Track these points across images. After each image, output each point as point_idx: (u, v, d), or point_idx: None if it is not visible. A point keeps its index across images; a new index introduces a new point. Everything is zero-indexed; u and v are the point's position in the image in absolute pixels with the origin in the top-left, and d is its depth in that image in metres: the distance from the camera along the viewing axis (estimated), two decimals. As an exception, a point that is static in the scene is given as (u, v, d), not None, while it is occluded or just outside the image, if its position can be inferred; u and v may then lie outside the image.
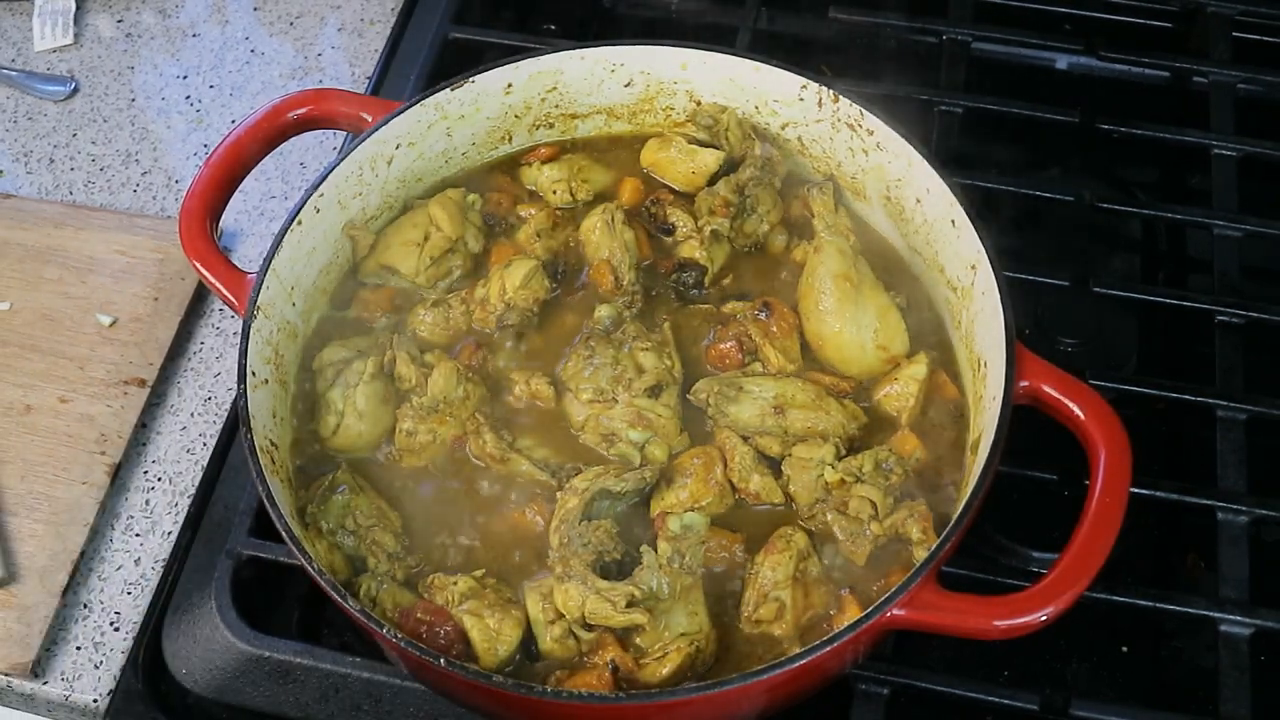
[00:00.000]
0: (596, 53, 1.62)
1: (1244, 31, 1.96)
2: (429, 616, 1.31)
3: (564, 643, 1.31)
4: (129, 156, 1.93)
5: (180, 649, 1.49)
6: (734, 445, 1.42)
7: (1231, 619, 1.43)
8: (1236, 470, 1.53)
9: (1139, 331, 1.70)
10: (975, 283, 1.43)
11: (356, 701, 1.43)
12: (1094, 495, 1.27)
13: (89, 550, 1.58)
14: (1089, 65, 1.95)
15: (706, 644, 1.32)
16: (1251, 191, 1.77)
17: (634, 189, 1.63)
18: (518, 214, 1.62)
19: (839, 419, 1.43)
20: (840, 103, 1.55)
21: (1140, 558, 1.53)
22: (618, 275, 1.54)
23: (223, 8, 2.10)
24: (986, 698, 1.40)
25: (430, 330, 1.53)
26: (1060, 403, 1.34)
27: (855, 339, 1.47)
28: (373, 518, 1.38)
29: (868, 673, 1.40)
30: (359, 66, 2.02)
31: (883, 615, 1.22)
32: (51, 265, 1.78)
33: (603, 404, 1.44)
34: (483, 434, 1.43)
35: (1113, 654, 1.50)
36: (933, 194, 1.49)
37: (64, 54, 2.04)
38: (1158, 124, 1.84)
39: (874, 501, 1.36)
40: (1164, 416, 1.61)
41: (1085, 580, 1.23)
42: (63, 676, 1.50)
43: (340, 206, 1.55)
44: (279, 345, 1.46)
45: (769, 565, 1.33)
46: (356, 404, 1.44)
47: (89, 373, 1.69)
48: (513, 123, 1.66)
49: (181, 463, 1.65)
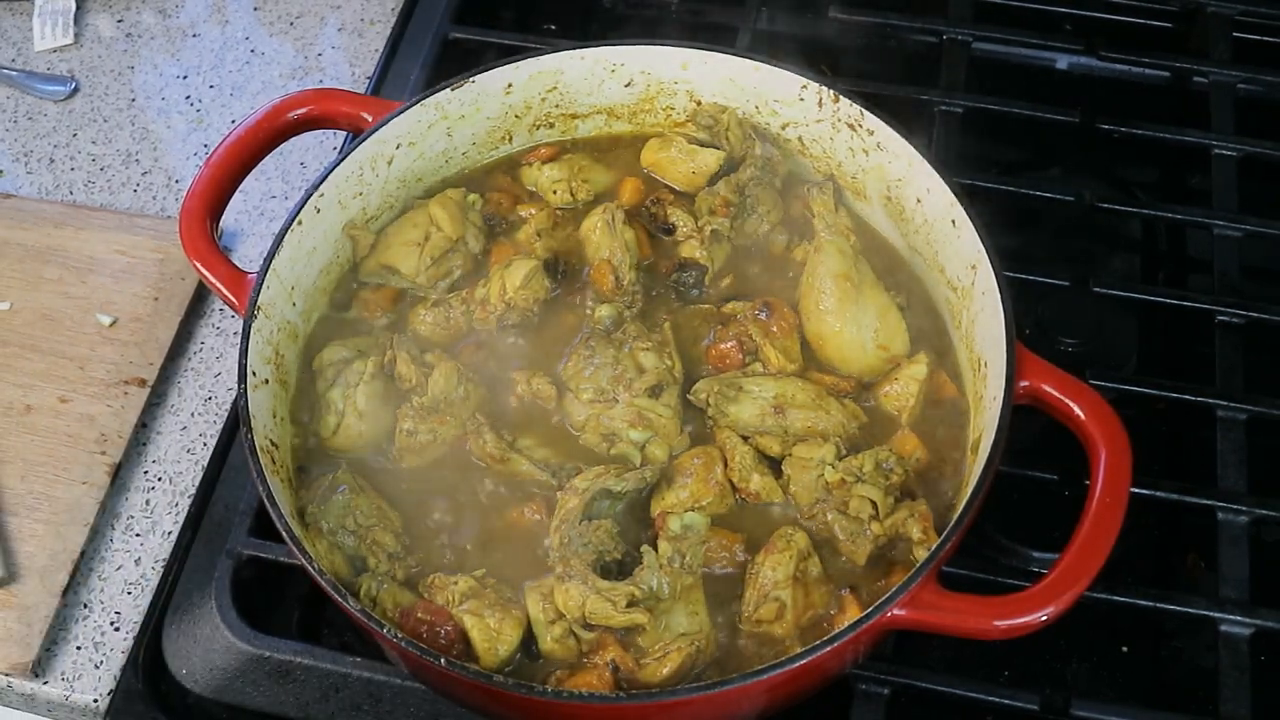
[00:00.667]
0: (597, 53, 1.62)
1: (1244, 31, 1.96)
2: (429, 616, 1.31)
3: (564, 643, 1.31)
4: (129, 156, 1.93)
5: (180, 649, 1.49)
6: (734, 445, 1.42)
7: (1232, 619, 1.43)
8: (1236, 470, 1.53)
9: (1139, 331, 1.70)
10: (975, 282, 1.43)
11: (357, 701, 1.43)
12: (1094, 495, 1.27)
13: (89, 550, 1.58)
14: (1089, 65, 1.95)
15: (706, 644, 1.32)
16: (1251, 191, 1.77)
17: (634, 189, 1.64)
18: (518, 214, 1.62)
19: (839, 419, 1.43)
20: (840, 103, 1.55)
21: (1140, 558, 1.53)
22: (618, 275, 1.54)
23: (223, 8, 2.10)
24: (986, 698, 1.40)
25: (430, 330, 1.53)
26: (1060, 402, 1.34)
27: (856, 338, 1.47)
28: (373, 518, 1.38)
29: (868, 673, 1.40)
30: (359, 66, 2.02)
31: (883, 615, 1.22)
32: (52, 265, 1.78)
33: (603, 404, 1.44)
34: (483, 434, 1.43)
35: (1113, 654, 1.50)
36: (933, 194, 1.49)
37: (64, 54, 2.04)
38: (1158, 124, 1.84)
39: (874, 501, 1.36)
40: (1164, 416, 1.61)
41: (1085, 580, 1.23)
42: (63, 676, 1.50)
43: (340, 206, 1.55)
44: (279, 345, 1.46)
45: (769, 565, 1.33)
46: (357, 404, 1.44)
47: (89, 373, 1.69)
48: (513, 123, 1.66)
49: (182, 462, 1.65)
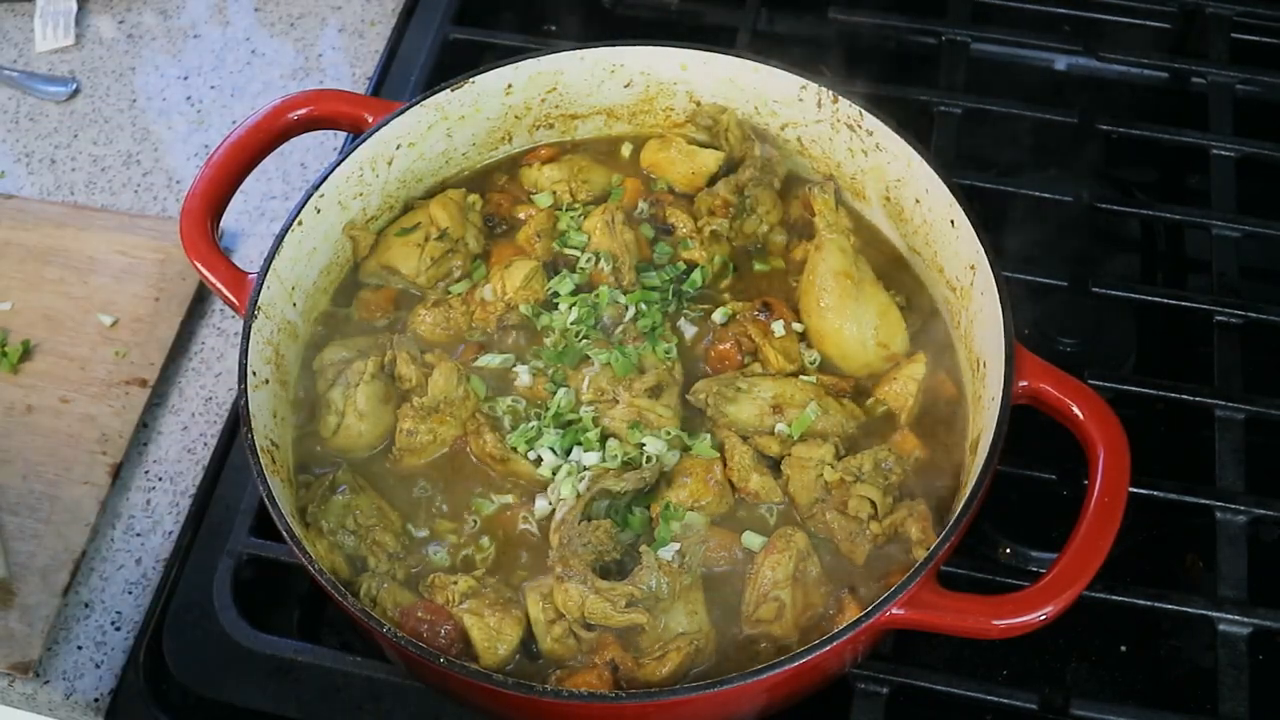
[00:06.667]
0: (596, 53, 1.63)
1: (1243, 32, 1.96)
2: (429, 616, 1.31)
3: (564, 642, 1.31)
4: (130, 157, 1.93)
5: (181, 649, 1.49)
6: (734, 445, 1.42)
7: (1230, 618, 1.43)
8: (1235, 470, 1.54)
9: (1138, 331, 1.70)
10: (974, 283, 1.44)
11: (357, 701, 1.43)
12: (1093, 495, 1.27)
13: (90, 550, 1.58)
14: (1088, 65, 1.95)
15: (706, 643, 1.32)
16: (1250, 192, 1.77)
17: (634, 189, 1.64)
18: (517, 214, 1.63)
19: (838, 418, 1.43)
20: (840, 103, 1.55)
21: (1139, 557, 1.53)
22: (618, 275, 1.54)
23: (224, 9, 2.10)
24: (986, 697, 1.40)
25: (431, 330, 1.53)
26: (1059, 402, 1.34)
27: (856, 335, 1.48)
28: (373, 518, 1.39)
29: (867, 672, 1.40)
30: (359, 67, 2.02)
31: (882, 615, 1.23)
32: (53, 266, 1.78)
33: (604, 404, 1.45)
34: (483, 434, 1.44)
35: (1111, 653, 1.50)
36: (932, 194, 1.49)
37: (65, 55, 2.05)
38: (1157, 124, 1.84)
39: (873, 501, 1.36)
40: (1162, 416, 1.62)
41: (1084, 580, 1.23)
42: (64, 676, 1.50)
43: (341, 207, 1.55)
44: (280, 345, 1.46)
45: (769, 565, 1.34)
46: (357, 404, 1.44)
47: (90, 373, 1.69)
48: (513, 123, 1.66)
49: (182, 462, 1.65)
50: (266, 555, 1.51)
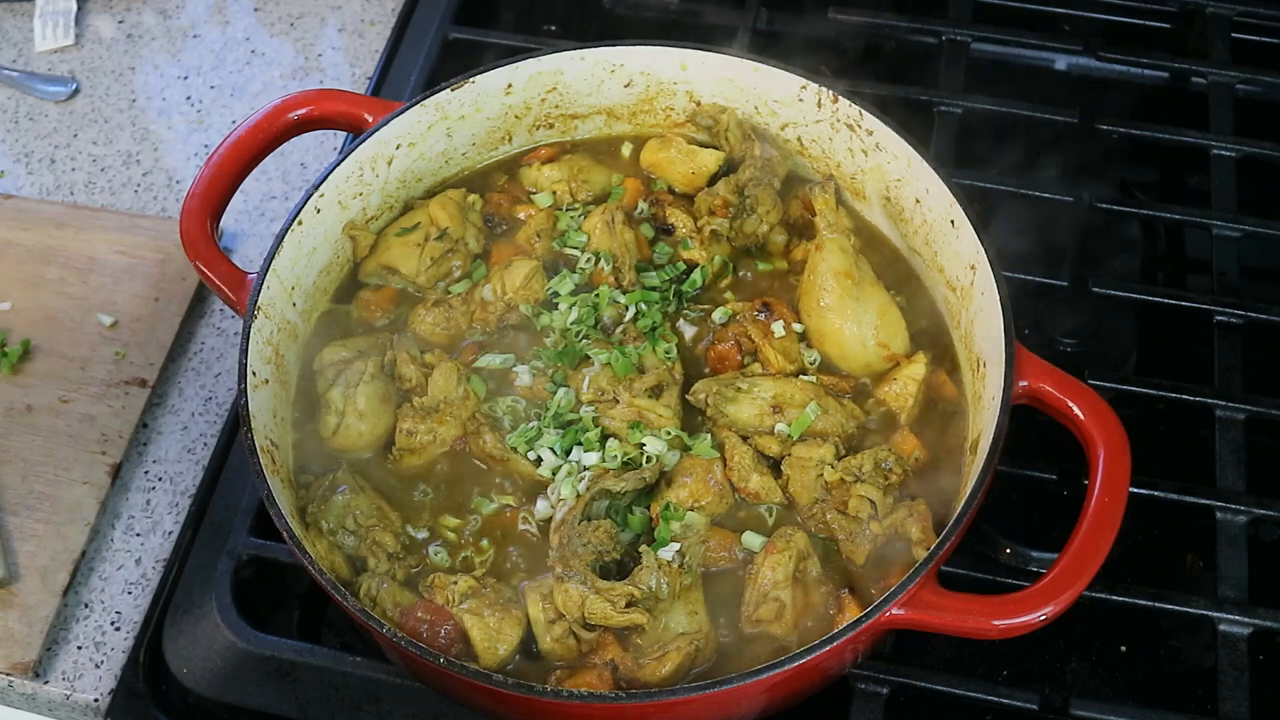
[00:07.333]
0: (596, 53, 1.63)
1: (1243, 32, 1.96)
2: (429, 616, 1.31)
3: (564, 642, 1.31)
4: (130, 157, 1.93)
5: (181, 649, 1.49)
6: (734, 445, 1.42)
7: (1230, 618, 1.44)
8: (1235, 470, 1.54)
9: (1138, 331, 1.70)
10: (975, 282, 1.44)
11: (357, 701, 1.43)
12: (1093, 495, 1.27)
13: (90, 550, 1.58)
14: (1088, 65, 1.95)
15: (706, 644, 1.32)
16: (1250, 192, 1.77)
17: (634, 189, 1.64)
18: (517, 214, 1.63)
19: (838, 418, 1.43)
20: (840, 103, 1.55)
21: (1139, 557, 1.53)
22: (618, 275, 1.54)
23: (223, 8, 2.10)
24: (986, 697, 1.40)
25: (431, 330, 1.53)
26: (1059, 402, 1.34)
27: (856, 335, 1.48)
28: (373, 518, 1.39)
29: (867, 672, 1.40)
30: (359, 67, 2.02)
31: (882, 615, 1.23)
32: (53, 265, 1.78)
33: (604, 404, 1.45)
34: (483, 434, 1.44)
35: (1112, 653, 1.50)
36: (932, 194, 1.49)
37: (65, 55, 2.05)
38: (1157, 124, 1.84)
39: (874, 501, 1.36)
40: (1163, 416, 1.62)
41: (1084, 580, 1.23)
42: (64, 676, 1.50)
43: (341, 207, 1.55)
44: (279, 345, 1.46)
45: (769, 565, 1.34)
46: (357, 404, 1.44)
47: (90, 373, 1.69)
48: (513, 123, 1.66)
49: (182, 462, 1.65)
50: (266, 555, 1.51)
